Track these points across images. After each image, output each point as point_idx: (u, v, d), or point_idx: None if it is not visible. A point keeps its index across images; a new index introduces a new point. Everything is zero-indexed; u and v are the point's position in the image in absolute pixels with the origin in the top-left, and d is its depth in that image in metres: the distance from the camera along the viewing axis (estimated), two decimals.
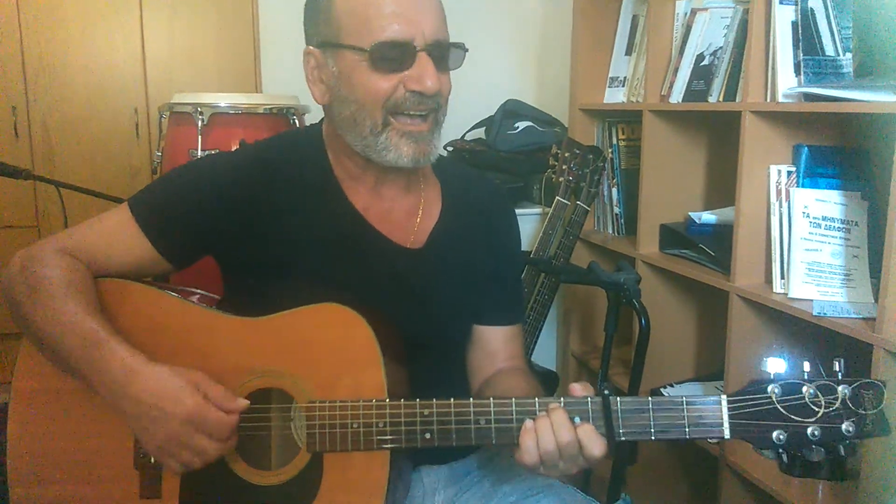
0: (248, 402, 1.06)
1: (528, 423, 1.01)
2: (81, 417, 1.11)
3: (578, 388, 1.03)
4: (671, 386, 2.13)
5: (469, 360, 1.31)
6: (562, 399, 1.02)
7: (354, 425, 1.05)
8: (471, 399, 1.04)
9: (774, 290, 1.74)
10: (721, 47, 1.95)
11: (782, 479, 1.69)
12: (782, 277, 1.72)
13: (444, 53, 1.12)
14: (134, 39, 3.05)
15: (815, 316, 1.57)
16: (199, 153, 2.14)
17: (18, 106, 2.97)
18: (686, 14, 2.09)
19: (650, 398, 1.00)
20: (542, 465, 1.00)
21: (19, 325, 1.14)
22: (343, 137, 1.16)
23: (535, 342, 2.23)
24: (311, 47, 1.16)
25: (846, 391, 0.96)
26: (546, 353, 2.77)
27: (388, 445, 1.05)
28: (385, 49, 1.08)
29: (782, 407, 0.97)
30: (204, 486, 1.06)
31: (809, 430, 0.96)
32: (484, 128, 2.88)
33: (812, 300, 1.64)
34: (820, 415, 0.96)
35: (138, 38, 3.06)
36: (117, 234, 1.17)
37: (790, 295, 1.68)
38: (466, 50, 1.15)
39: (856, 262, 1.64)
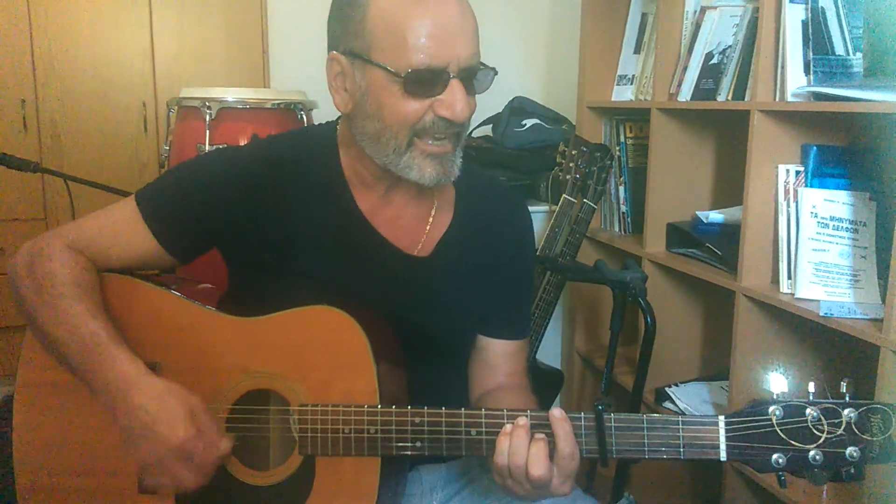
0: (234, 441, 1.06)
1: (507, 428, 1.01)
2: (84, 410, 1.12)
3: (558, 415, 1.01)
4: (676, 385, 2.12)
5: (470, 369, 1.30)
6: (551, 412, 1.01)
7: (346, 430, 1.05)
8: (462, 409, 1.03)
9: (781, 291, 1.73)
10: (730, 46, 1.94)
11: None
12: (789, 277, 1.71)
13: (475, 77, 1.10)
14: (143, 34, 3.06)
15: (822, 316, 1.56)
16: (207, 147, 2.15)
17: (27, 99, 2.98)
18: (695, 12, 2.08)
19: (645, 416, 0.99)
20: (509, 477, 1.00)
21: (25, 319, 1.14)
22: (363, 148, 1.14)
23: (541, 340, 2.22)
24: (337, 53, 1.12)
25: (852, 415, 0.92)
26: (551, 352, 2.76)
27: (378, 452, 1.05)
28: (419, 75, 1.04)
29: (783, 430, 0.94)
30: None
31: (811, 455, 0.93)
32: (491, 125, 2.88)
33: (819, 301, 1.63)
34: (822, 440, 0.93)
35: (147, 33, 3.07)
36: (122, 229, 1.17)
37: (797, 295, 1.67)
38: (496, 73, 1.12)
39: (863, 263, 1.63)
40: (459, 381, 1.30)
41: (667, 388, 2.11)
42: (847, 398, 0.94)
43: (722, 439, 0.96)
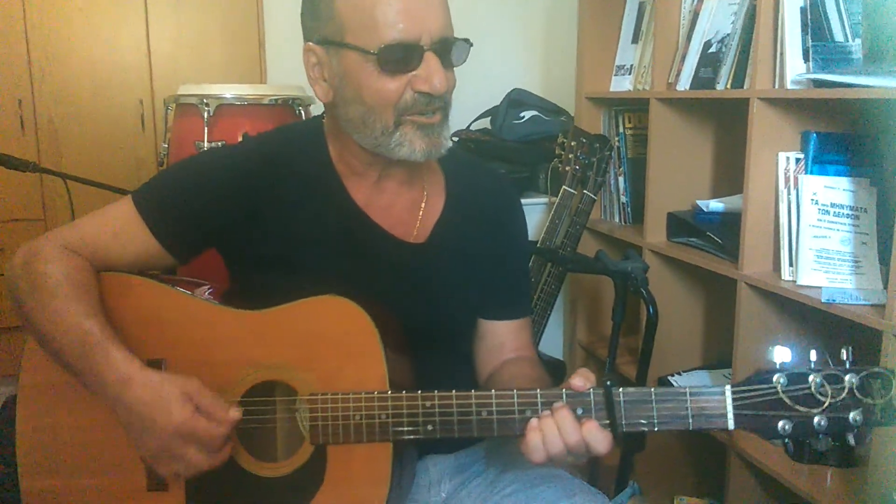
0: (241, 412, 1.06)
1: (534, 421, 1.00)
2: (88, 409, 1.11)
3: (579, 382, 1.01)
4: (679, 374, 2.12)
5: (476, 353, 1.31)
6: (564, 392, 1.01)
7: (357, 417, 1.05)
8: (473, 391, 1.04)
9: (783, 278, 1.73)
10: (729, 34, 1.93)
11: (790, 466, 1.69)
12: (791, 265, 1.72)
13: (450, 50, 1.10)
14: (139, 31, 3.06)
15: (824, 303, 1.56)
16: (206, 145, 2.14)
17: (24, 99, 2.98)
18: (693, 1, 2.08)
19: (653, 389, 1.00)
20: (550, 461, 1.00)
21: (22, 320, 1.14)
22: (349, 136, 1.15)
23: (543, 332, 2.23)
24: (311, 44, 1.13)
25: (854, 380, 0.94)
26: (553, 343, 2.77)
27: (391, 437, 1.05)
28: (392, 51, 1.05)
29: (788, 397, 0.96)
30: (209, 478, 1.06)
31: (816, 420, 0.95)
32: (489, 118, 2.87)
33: (821, 287, 1.64)
34: (826, 405, 0.95)
35: (143, 29, 3.06)
36: (121, 229, 1.16)
37: (799, 282, 1.67)
38: (471, 45, 1.12)
39: (865, 249, 1.63)
40: (463, 365, 1.30)
41: (669, 377, 2.11)
42: (847, 365, 0.96)
43: (729, 408, 0.97)
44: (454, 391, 1.04)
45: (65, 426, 1.14)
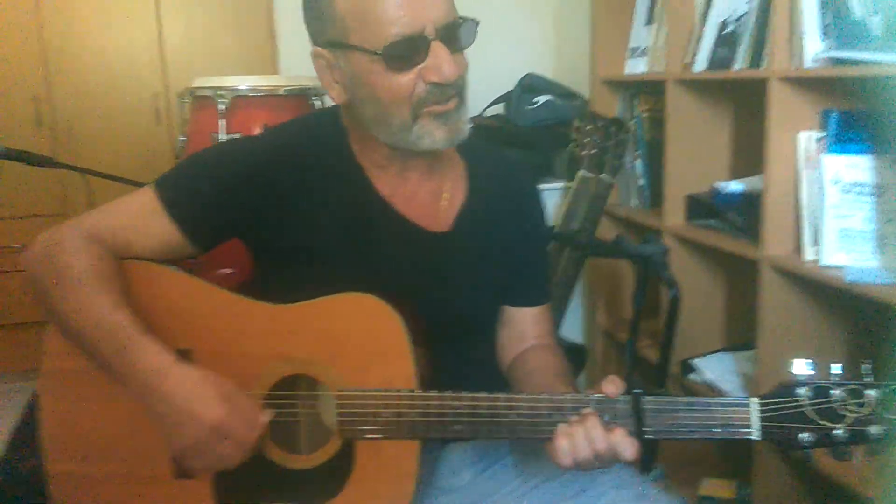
0: (272, 415, 1.08)
1: (563, 426, 1.01)
2: (113, 396, 1.11)
3: (610, 388, 1.03)
4: (701, 357, 2.12)
5: (499, 339, 1.32)
6: (593, 397, 1.03)
7: (385, 415, 1.06)
8: (502, 394, 1.04)
9: (805, 258, 1.72)
10: (745, 13, 1.91)
11: None
12: (813, 245, 1.70)
13: (456, 33, 1.08)
14: (150, 24, 3.06)
15: (848, 283, 1.55)
16: (223, 137, 2.14)
17: (40, 95, 2.99)
18: None
19: (680, 398, 1.02)
20: (577, 467, 1.02)
21: (46, 312, 1.13)
22: (368, 131, 1.15)
23: (563, 317, 2.23)
24: (318, 48, 1.12)
25: (875, 396, 0.96)
26: (573, 327, 2.77)
27: (419, 435, 1.06)
28: (398, 48, 1.03)
29: (812, 411, 0.97)
30: (237, 468, 1.08)
31: (836, 433, 0.97)
32: (503, 104, 2.86)
33: (844, 267, 1.63)
34: (848, 419, 0.96)
35: (154, 22, 3.06)
36: (142, 218, 1.16)
37: (822, 262, 1.66)
38: (478, 23, 1.10)
39: (889, 227, 1.62)
40: (487, 353, 1.31)
41: (692, 360, 2.11)
42: (868, 380, 0.97)
43: (755, 420, 0.99)
44: (484, 393, 1.04)
45: (90, 413, 1.14)
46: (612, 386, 1.02)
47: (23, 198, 3.03)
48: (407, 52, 1.05)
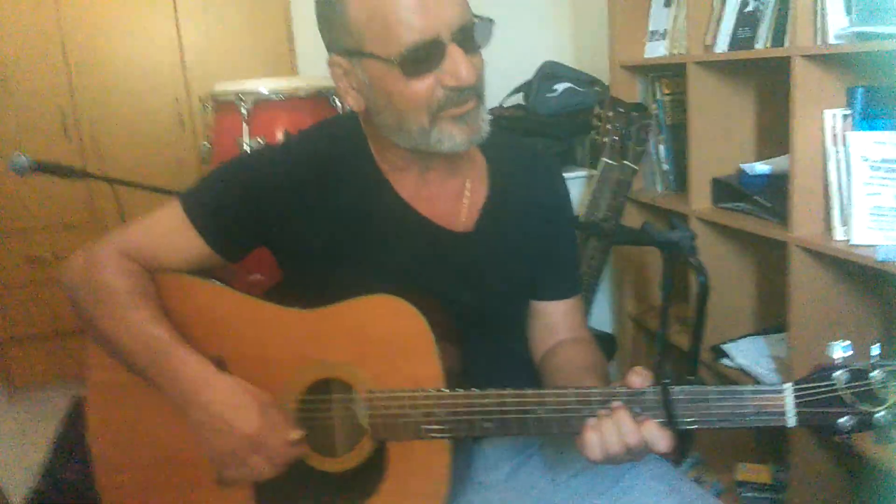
0: (303, 433, 1.10)
1: (592, 420, 1.01)
2: (157, 405, 1.14)
3: (637, 380, 1.01)
4: (732, 341, 2.10)
5: (530, 334, 1.31)
6: (622, 391, 1.02)
7: (414, 415, 1.07)
8: (530, 390, 1.04)
9: (835, 238, 1.70)
10: None
11: None
12: (843, 224, 1.68)
13: (471, 34, 1.07)
14: (169, 30, 3.10)
15: (879, 262, 1.53)
16: (246, 141, 2.16)
17: (64, 105, 3.04)
18: None
19: (711, 387, 1.00)
20: (608, 461, 1.01)
21: (85, 328, 1.17)
22: (388, 138, 1.14)
23: (591, 307, 2.22)
24: (334, 56, 1.12)
25: None
26: (602, 316, 2.76)
27: (449, 435, 1.07)
28: (413, 54, 1.02)
29: (850, 394, 0.94)
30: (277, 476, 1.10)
31: (879, 416, 0.94)
32: (522, 93, 2.85)
33: (875, 246, 1.60)
34: (890, 402, 0.93)
35: (174, 29, 3.10)
36: (170, 234, 1.19)
37: (852, 242, 1.64)
38: (493, 21, 1.09)
39: None
40: (518, 350, 1.31)
41: (723, 345, 2.09)
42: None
43: (790, 406, 0.97)
44: (511, 389, 1.04)
45: (135, 422, 1.18)
46: (639, 378, 1.01)
47: (52, 208, 3.08)
48: (423, 57, 1.03)
